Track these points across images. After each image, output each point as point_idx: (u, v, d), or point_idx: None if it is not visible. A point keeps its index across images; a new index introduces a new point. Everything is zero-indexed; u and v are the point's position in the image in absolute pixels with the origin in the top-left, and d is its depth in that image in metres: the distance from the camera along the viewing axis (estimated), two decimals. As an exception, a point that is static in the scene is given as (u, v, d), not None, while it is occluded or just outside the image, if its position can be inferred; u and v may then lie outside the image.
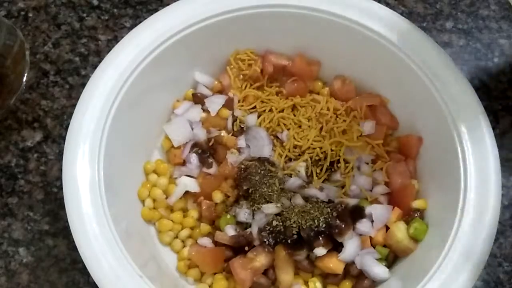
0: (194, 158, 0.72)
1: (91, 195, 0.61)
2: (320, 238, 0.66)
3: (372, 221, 0.68)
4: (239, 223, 0.69)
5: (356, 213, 0.68)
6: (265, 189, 0.69)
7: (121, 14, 0.87)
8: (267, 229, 0.68)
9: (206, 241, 0.70)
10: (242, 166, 0.71)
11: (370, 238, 0.68)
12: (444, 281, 0.60)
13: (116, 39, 0.84)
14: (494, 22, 0.89)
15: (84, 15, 0.86)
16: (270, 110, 0.75)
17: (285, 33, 0.74)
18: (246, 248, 0.68)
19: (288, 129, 0.73)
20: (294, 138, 0.72)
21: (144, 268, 0.61)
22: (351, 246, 0.67)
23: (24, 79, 0.75)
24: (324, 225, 0.67)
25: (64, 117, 0.79)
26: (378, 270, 0.67)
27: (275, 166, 0.71)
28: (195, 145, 0.73)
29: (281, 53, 0.77)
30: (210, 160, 0.72)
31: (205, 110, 0.75)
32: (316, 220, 0.67)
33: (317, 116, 0.74)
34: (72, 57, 0.83)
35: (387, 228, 0.69)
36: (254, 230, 0.68)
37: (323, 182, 0.71)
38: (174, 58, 0.71)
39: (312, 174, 0.71)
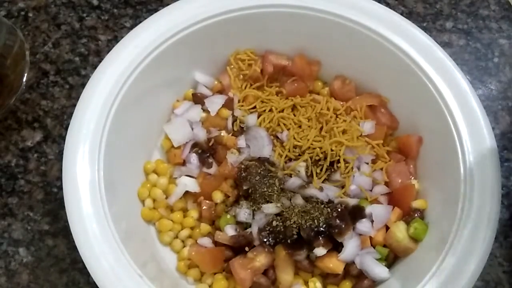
0: (194, 158, 0.72)
1: (91, 195, 0.61)
2: (320, 238, 0.66)
3: (372, 221, 0.68)
4: (239, 223, 0.69)
5: (356, 213, 0.68)
6: (265, 189, 0.69)
7: (121, 14, 0.87)
8: (267, 229, 0.68)
9: (206, 241, 0.70)
10: (242, 166, 0.71)
11: (370, 238, 0.68)
12: (444, 281, 0.60)
13: (116, 39, 0.84)
14: (494, 22, 0.89)
15: (84, 15, 0.86)
16: (270, 110, 0.75)
17: (285, 33, 0.74)
18: (246, 248, 0.68)
19: (288, 129, 0.73)
20: (294, 138, 0.72)
21: (144, 268, 0.61)
22: (351, 246, 0.67)
23: (24, 79, 0.75)
24: (324, 225, 0.67)
25: (64, 117, 0.80)
26: (378, 270, 0.67)
27: (275, 166, 0.71)
28: (195, 145, 0.73)
29: (281, 53, 0.77)
30: (210, 160, 0.72)
31: (205, 110, 0.75)
32: (316, 220, 0.67)
33: (317, 116, 0.74)
34: (72, 57, 0.83)
35: (387, 228, 0.69)
36: (254, 230, 0.68)
37: (323, 182, 0.71)
38: (174, 58, 0.71)
39: (312, 174, 0.71)
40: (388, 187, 0.72)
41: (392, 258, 0.69)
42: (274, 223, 0.67)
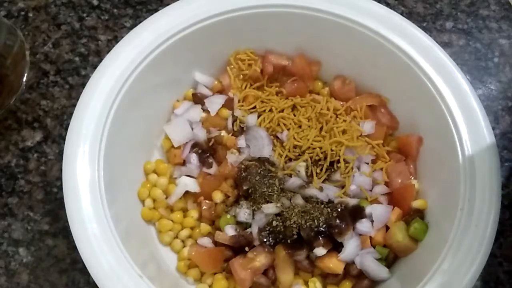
0: (194, 158, 0.72)
1: (91, 195, 0.61)
2: (320, 238, 0.66)
3: (372, 221, 0.68)
4: (239, 223, 0.69)
5: (356, 213, 0.68)
6: (265, 189, 0.69)
7: (121, 14, 0.87)
8: (267, 229, 0.68)
9: (206, 241, 0.70)
10: (242, 166, 0.71)
11: (370, 238, 0.68)
12: (444, 281, 0.60)
13: (116, 39, 0.84)
14: (494, 22, 0.89)
15: (84, 15, 0.86)
16: (270, 110, 0.75)
17: (285, 33, 0.74)
18: (246, 248, 0.68)
19: (288, 129, 0.73)
20: (294, 138, 0.72)
21: (144, 268, 0.61)
22: (351, 246, 0.67)
23: (24, 79, 0.76)
24: (324, 225, 0.67)
25: (64, 117, 0.80)
26: (378, 270, 0.67)
27: (275, 166, 0.71)
28: (195, 145, 0.73)
29: (281, 53, 0.77)
30: (210, 160, 0.72)
31: (205, 110, 0.75)
32: (316, 220, 0.67)
33: (317, 116, 0.74)
34: (72, 57, 0.83)
35: (387, 228, 0.69)
36: (254, 230, 0.68)
37: (323, 182, 0.71)
38: (174, 58, 0.71)
39: (312, 174, 0.71)
40: (388, 187, 0.72)
41: (392, 258, 0.69)
42: (274, 223, 0.67)
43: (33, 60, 0.82)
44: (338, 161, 0.71)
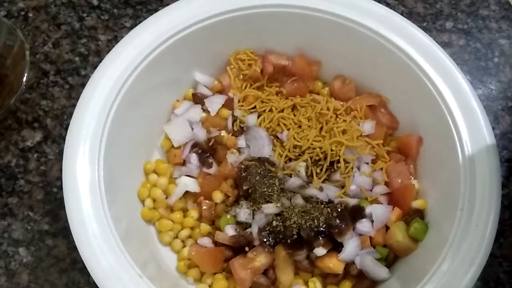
0: (194, 158, 0.72)
1: (91, 195, 0.61)
2: (320, 238, 0.66)
3: (372, 221, 0.68)
4: (239, 223, 0.69)
5: (356, 213, 0.68)
6: (265, 189, 0.69)
7: (121, 14, 0.87)
8: (267, 229, 0.68)
9: (206, 241, 0.70)
10: (242, 166, 0.71)
11: (370, 238, 0.68)
12: (444, 281, 0.60)
13: (116, 39, 0.84)
14: (494, 22, 0.89)
15: (84, 15, 0.86)
16: (270, 110, 0.75)
17: (285, 33, 0.74)
18: (246, 248, 0.68)
19: (288, 129, 0.73)
20: (294, 138, 0.72)
21: (144, 268, 0.61)
22: (351, 246, 0.67)
23: (24, 79, 0.75)
24: (324, 225, 0.67)
25: (64, 117, 0.80)
26: (378, 270, 0.67)
27: (275, 166, 0.71)
28: (195, 145, 0.73)
29: (281, 53, 0.77)
30: (210, 160, 0.72)
31: (205, 110, 0.75)
32: (316, 220, 0.67)
33: (317, 116, 0.74)
34: (72, 57, 0.83)
35: (387, 228, 0.69)
36: (254, 230, 0.68)
37: (323, 182, 0.71)
38: (174, 58, 0.71)
39: (312, 174, 0.71)
40: (388, 187, 0.72)
41: (392, 258, 0.69)
42: (274, 223, 0.67)
43: (33, 60, 0.82)
44: (338, 161, 0.71)
